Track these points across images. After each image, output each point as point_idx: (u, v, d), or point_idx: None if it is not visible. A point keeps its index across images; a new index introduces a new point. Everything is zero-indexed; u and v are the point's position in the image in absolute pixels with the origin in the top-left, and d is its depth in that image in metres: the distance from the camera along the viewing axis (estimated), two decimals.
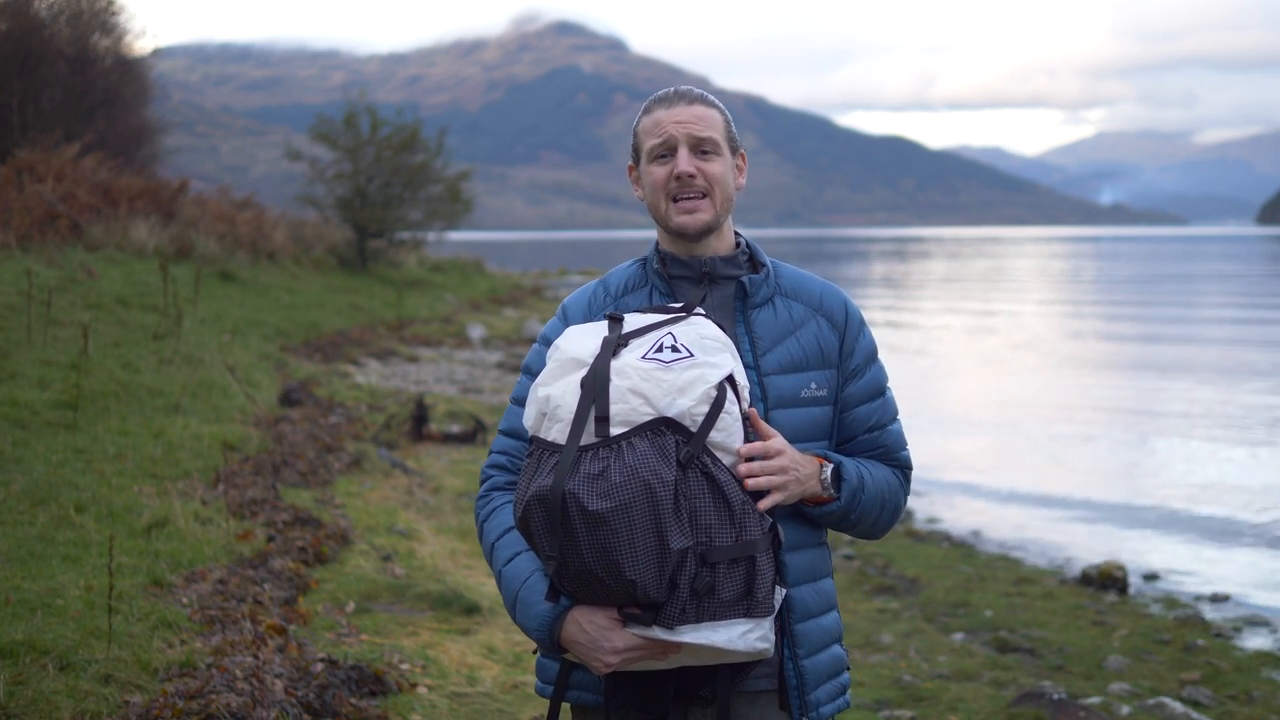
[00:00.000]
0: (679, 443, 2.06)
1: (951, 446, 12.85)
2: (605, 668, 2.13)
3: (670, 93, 2.39)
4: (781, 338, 2.36)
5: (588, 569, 2.04)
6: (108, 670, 4.21)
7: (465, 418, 11.59)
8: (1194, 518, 9.83)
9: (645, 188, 2.41)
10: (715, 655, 2.12)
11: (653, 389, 2.09)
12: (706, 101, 2.38)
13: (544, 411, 2.16)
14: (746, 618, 2.08)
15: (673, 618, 2.05)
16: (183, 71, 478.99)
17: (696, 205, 2.35)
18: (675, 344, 2.16)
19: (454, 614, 5.87)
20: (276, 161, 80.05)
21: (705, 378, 2.11)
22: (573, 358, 2.18)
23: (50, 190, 17.32)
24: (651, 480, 2.01)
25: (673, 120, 2.35)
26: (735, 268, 2.40)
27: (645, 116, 2.40)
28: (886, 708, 5.47)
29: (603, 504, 2.00)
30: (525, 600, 2.21)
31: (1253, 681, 5.96)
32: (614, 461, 2.03)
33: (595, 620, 2.12)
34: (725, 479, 2.08)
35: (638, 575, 2.01)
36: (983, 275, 55.91)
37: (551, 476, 2.05)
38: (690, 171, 2.33)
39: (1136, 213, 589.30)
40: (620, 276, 2.47)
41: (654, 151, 2.37)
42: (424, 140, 28.53)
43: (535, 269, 49.96)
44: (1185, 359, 20.80)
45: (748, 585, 2.07)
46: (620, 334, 2.20)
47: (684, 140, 2.34)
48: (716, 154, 2.36)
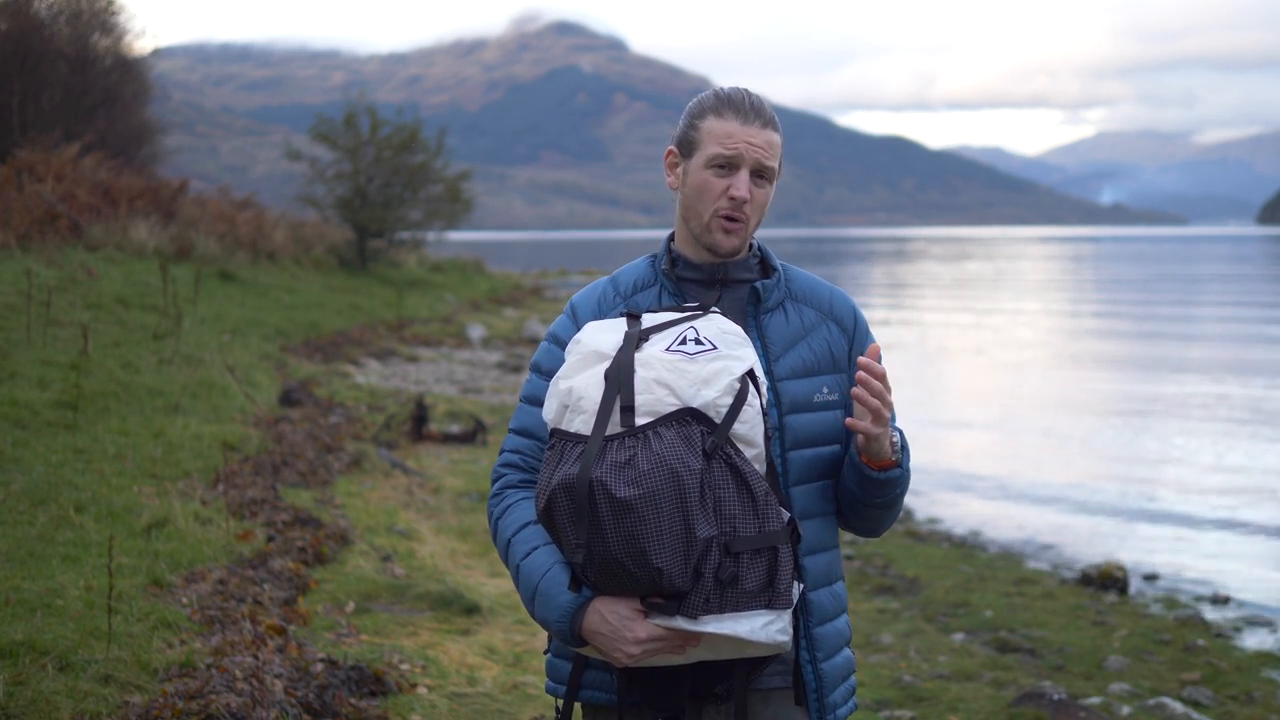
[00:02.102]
0: (704, 433, 2.07)
1: (952, 446, 12.85)
2: (626, 659, 2.12)
3: (747, 104, 2.33)
4: (793, 343, 2.37)
5: (613, 557, 2.04)
6: (107, 670, 4.21)
7: (465, 418, 11.59)
8: (1194, 518, 9.83)
9: (689, 187, 2.37)
10: (734, 648, 2.12)
11: (677, 380, 2.11)
12: (776, 127, 2.35)
13: (566, 404, 2.16)
14: (768, 609, 2.09)
15: (696, 607, 2.06)
16: (183, 71, 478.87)
17: (736, 229, 2.34)
18: (698, 337, 2.18)
19: (454, 614, 5.87)
20: (276, 161, 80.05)
21: (729, 370, 2.12)
22: (595, 350, 2.19)
23: (50, 190, 17.32)
24: (679, 468, 2.02)
25: (747, 139, 2.31)
26: (747, 271, 2.41)
27: (716, 118, 2.33)
28: (886, 708, 5.47)
29: (631, 491, 2.01)
30: (546, 592, 2.19)
31: (1253, 681, 5.96)
32: (641, 450, 2.04)
33: (618, 610, 2.11)
34: (749, 470, 2.09)
35: (664, 563, 2.02)
36: (983, 275, 55.89)
37: (578, 465, 2.06)
38: (747, 198, 2.31)
39: (1136, 213, 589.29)
40: (630, 275, 2.46)
41: (716, 160, 2.32)
42: (424, 140, 28.53)
43: (535, 269, 49.99)
44: (1185, 359, 20.81)
45: (770, 576, 2.08)
46: (641, 329, 2.21)
47: (751, 164, 2.32)
48: (770, 182, 2.36)
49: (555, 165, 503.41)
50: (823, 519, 2.36)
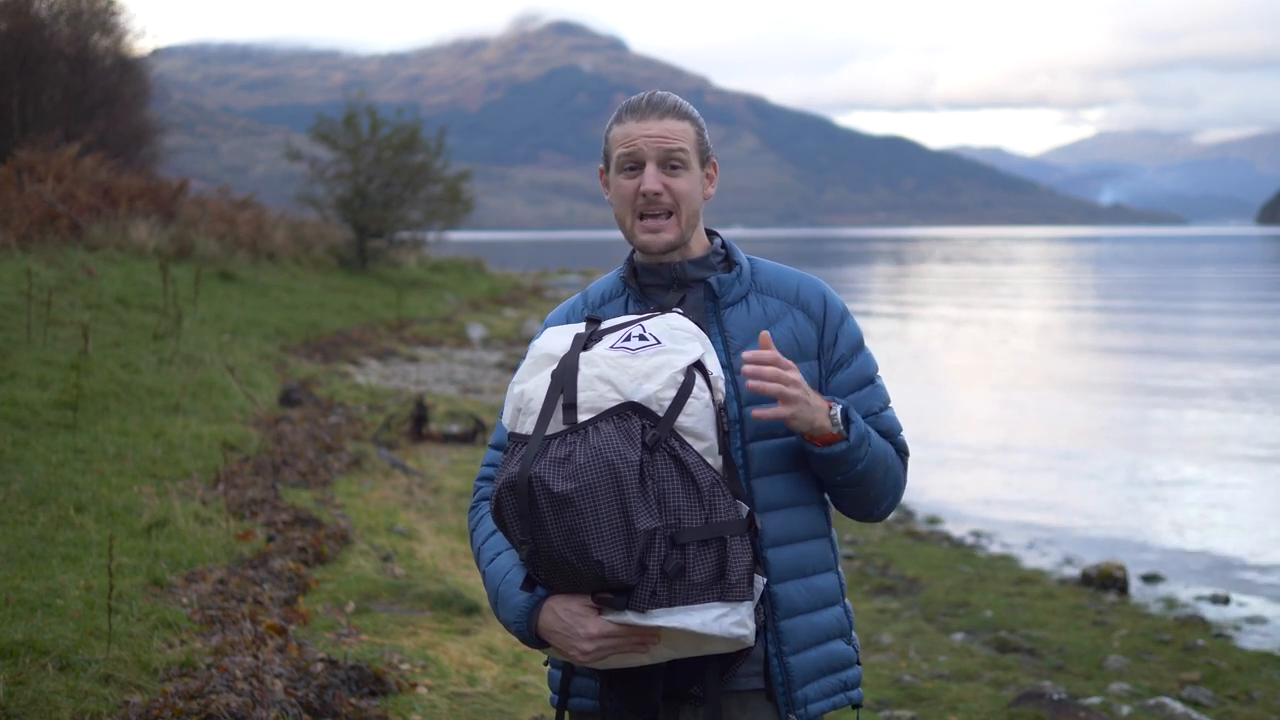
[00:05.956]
0: (645, 426, 2.08)
1: (952, 446, 12.85)
2: (581, 656, 2.13)
3: (642, 102, 2.36)
4: (755, 334, 2.34)
5: (557, 553, 2.05)
6: (108, 670, 4.21)
7: (465, 418, 11.59)
8: (1194, 518, 9.83)
9: (612, 197, 2.40)
10: (694, 643, 2.12)
11: (619, 375, 2.12)
12: (679, 113, 2.35)
13: (519, 407, 2.19)
14: (720, 601, 2.09)
15: (644, 600, 2.06)
16: (183, 71, 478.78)
17: (661, 225, 2.34)
18: (644, 334, 2.19)
19: (454, 614, 5.87)
20: (276, 161, 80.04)
21: (672, 363, 2.13)
22: (546, 353, 2.22)
23: (50, 190, 17.32)
24: (615, 460, 2.03)
25: (643, 133, 2.32)
26: (706, 269, 2.40)
27: (616, 125, 2.37)
28: (886, 708, 5.47)
29: (567, 485, 2.02)
30: (504, 594, 2.24)
31: (1253, 681, 5.96)
32: (580, 445, 2.06)
33: (570, 608, 2.13)
34: (694, 461, 2.09)
35: (604, 556, 2.02)
36: (983, 276, 55.88)
37: (520, 464, 2.08)
38: (656, 189, 2.32)
39: (1136, 213, 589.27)
40: (599, 288, 2.49)
41: (622, 163, 2.35)
42: (424, 140, 28.53)
43: (535, 269, 49.94)
44: (1186, 359, 20.80)
45: (720, 568, 2.08)
46: (594, 330, 2.24)
47: (652, 156, 2.32)
48: (685, 168, 2.34)
49: (555, 165, 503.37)
50: (793, 510, 2.32)
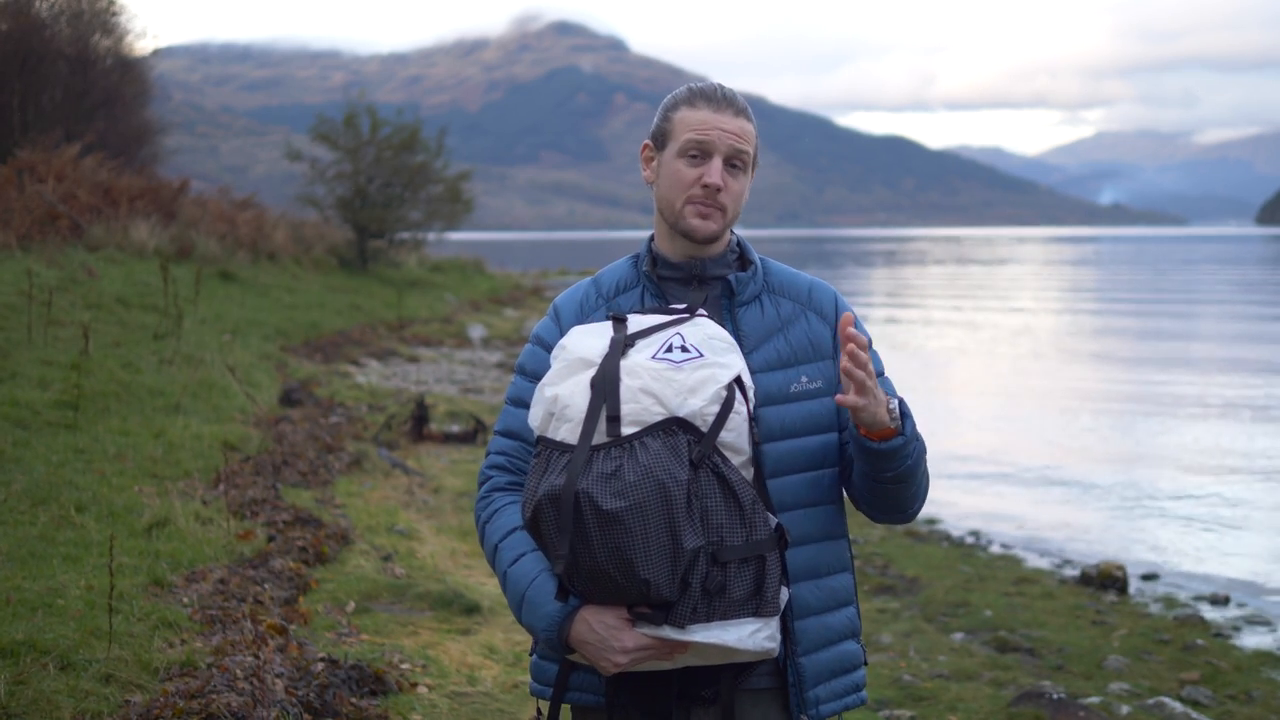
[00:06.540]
0: (690, 442, 2.06)
1: (951, 446, 12.84)
2: (614, 667, 2.12)
3: (718, 94, 2.34)
4: (769, 335, 2.34)
5: (600, 568, 2.03)
6: (108, 670, 4.21)
7: (465, 418, 11.59)
8: (1194, 518, 9.83)
9: (663, 178, 2.36)
10: (723, 655, 2.12)
11: (664, 389, 2.09)
12: (749, 116, 2.35)
13: (551, 412, 2.15)
14: (756, 617, 2.08)
15: (684, 617, 2.05)
16: (183, 72, 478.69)
17: (711, 214, 2.33)
18: (685, 344, 2.16)
19: (454, 614, 5.88)
20: (276, 161, 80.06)
21: (716, 378, 2.11)
22: (580, 358, 2.18)
23: (50, 190, 17.33)
24: (666, 480, 2.01)
25: (719, 125, 2.30)
26: (724, 267, 2.39)
27: (689, 109, 2.33)
28: (886, 708, 5.47)
29: (617, 503, 2.00)
30: (533, 600, 2.19)
31: (1253, 681, 5.96)
32: (627, 461, 2.03)
33: (605, 620, 2.11)
34: (736, 479, 2.08)
35: (651, 574, 2.01)
36: (983, 276, 55.87)
37: (564, 476, 2.04)
38: (720, 185, 2.30)
39: (1136, 213, 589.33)
40: (612, 276, 2.44)
41: (689, 148, 2.32)
42: (424, 140, 28.55)
43: (535, 269, 49.92)
44: (1186, 359, 20.80)
45: (757, 584, 2.07)
46: (626, 334, 2.19)
47: (723, 150, 2.31)
48: (744, 171, 2.35)
49: (555, 165, 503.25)
50: (807, 510, 2.31)
